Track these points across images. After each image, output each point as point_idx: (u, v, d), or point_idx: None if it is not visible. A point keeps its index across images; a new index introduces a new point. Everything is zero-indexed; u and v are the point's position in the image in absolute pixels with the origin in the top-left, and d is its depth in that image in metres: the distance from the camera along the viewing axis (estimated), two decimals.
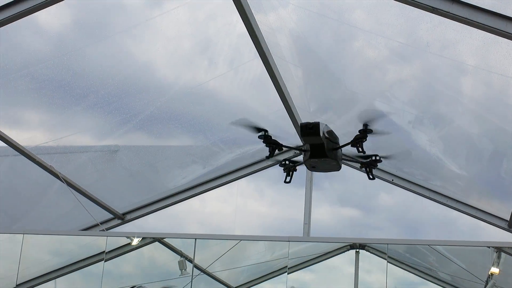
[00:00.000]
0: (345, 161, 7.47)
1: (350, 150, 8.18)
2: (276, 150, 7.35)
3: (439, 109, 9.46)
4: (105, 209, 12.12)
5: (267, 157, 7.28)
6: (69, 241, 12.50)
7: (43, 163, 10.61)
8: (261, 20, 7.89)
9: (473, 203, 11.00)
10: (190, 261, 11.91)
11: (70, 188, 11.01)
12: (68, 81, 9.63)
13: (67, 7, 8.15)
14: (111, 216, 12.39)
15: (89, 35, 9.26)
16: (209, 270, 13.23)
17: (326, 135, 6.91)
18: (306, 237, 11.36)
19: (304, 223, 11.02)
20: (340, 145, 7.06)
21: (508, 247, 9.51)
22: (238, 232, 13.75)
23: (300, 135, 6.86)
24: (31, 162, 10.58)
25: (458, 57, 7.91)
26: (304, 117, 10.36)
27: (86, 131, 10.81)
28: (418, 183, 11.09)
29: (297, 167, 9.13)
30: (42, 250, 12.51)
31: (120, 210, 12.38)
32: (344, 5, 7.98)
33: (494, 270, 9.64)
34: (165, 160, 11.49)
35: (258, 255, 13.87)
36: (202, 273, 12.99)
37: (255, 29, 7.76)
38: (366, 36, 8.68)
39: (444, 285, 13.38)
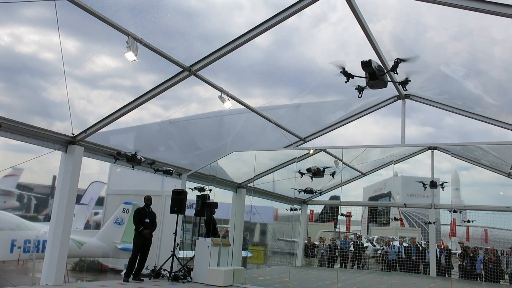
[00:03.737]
0: (389, 81, 7.16)
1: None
2: (350, 78, 6.99)
3: (479, 67, 8.76)
4: (295, 136, 13.00)
5: (346, 82, 7.04)
6: (278, 153, 13.56)
7: (262, 115, 11.49)
8: (372, 27, 7.76)
9: (502, 119, 10.01)
10: (340, 160, 11.87)
11: (278, 127, 11.61)
12: (270, 71, 10.12)
13: (269, 34, 8.30)
14: (297, 139, 13.21)
15: (282, 47, 9.53)
16: (351, 164, 13.30)
17: (377, 67, 6.68)
18: (403, 144, 11.32)
19: (401, 136, 10.78)
20: (385, 71, 6.73)
21: None
22: (365, 143, 13.69)
23: (362, 67, 6.78)
24: (256, 114, 11.33)
25: (489, 35, 7.28)
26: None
27: (283, 97, 10.95)
28: (467, 110, 10.67)
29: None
30: (265, 158, 13.75)
31: (303, 135, 13.33)
32: (416, 10, 7.56)
33: None
34: (328, 108, 11.32)
35: (376, 156, 13.78)
36: (346, 166, 13.14)
37: (369, 33, 7.61)
38: (433, 30, 8.28)
39: (485, 167, 12.54)
